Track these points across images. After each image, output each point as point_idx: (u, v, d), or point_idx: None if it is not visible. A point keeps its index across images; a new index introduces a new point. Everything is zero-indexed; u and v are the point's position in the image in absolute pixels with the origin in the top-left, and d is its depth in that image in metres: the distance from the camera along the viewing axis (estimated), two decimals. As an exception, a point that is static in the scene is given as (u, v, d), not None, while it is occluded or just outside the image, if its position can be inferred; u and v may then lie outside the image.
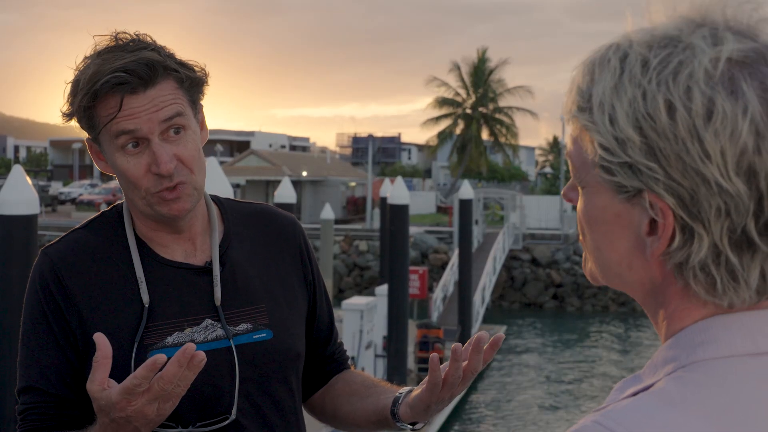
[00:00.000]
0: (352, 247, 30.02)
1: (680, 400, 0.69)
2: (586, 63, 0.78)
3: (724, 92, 0.69)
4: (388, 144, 71.67)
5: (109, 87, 1.37)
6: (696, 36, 0.72)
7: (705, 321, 0.74)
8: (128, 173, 1.42)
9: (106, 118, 1.40)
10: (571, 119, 0.79)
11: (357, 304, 12.74)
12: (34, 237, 6.09)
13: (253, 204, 1.68)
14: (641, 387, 0.73)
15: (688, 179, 0.70)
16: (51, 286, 1.46)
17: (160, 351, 1.42)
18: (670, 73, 0.71)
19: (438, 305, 20.00)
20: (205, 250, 1.53)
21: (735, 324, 0.73)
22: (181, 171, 1.42)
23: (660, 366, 0.74)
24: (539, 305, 27.95)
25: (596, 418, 0.69)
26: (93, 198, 39.55)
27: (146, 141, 1.40)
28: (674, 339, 0.75)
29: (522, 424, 14.88)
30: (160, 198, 1.43)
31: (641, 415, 0.68)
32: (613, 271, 0.79)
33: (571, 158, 0.80)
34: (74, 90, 1.42)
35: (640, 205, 0.73)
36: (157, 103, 1.39)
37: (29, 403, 1.45)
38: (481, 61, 50.02)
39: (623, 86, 0.73)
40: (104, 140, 1.43)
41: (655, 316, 0.79)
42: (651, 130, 0.71)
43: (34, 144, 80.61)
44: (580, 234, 0.83)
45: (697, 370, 0.71)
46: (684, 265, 0.73)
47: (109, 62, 1.38)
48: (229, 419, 1.45)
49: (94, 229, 1.53)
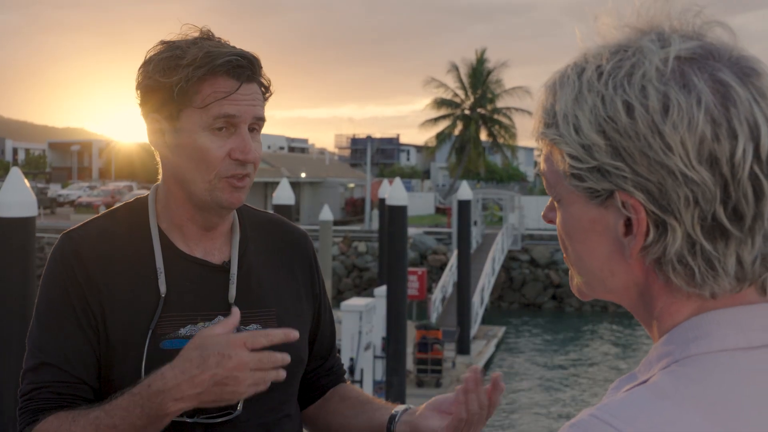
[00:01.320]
0: (350, 248, 30.02)
1: (673, 394, 0.70)
2: (547, 84, 0.82)
3: (676, 86, 0.72)
4: (387, 145, 71.72)
5: (229, 67, 1.43)
6: (644, 40, 0.76)
7: (698, 317, 0.76)
8: (209, 152, 1.45)
9: (217, 95, 1.44)
10: (540, 138, 0.82)
11: (356, 305, 12.73)
12: (32, 239, 6.08)
13: (269, 213, 1.74)
14: (636, 383, 0.75)
15: (654, 173, 0.73)
16: (74, 268, 1.48)
17: (174, 341, 1.46)
18: (624, 75, 0.74)
19: (437, 306, 20.01)
20: (224, 250, 1.57)
21: (727, 319, 0.75)
22: (252, 165, 1.49)
23: (654, 362, 0.76)
24: (538, 306, 27.97)
25: (592, 412, 0.71)
26: (92, 200, 39.52)
27: (234, 128, 1.46)
28: (668, 336, 0.77)
29: (521, 423, 14.87)
30: (228, 183, 1.47)
31: (636, 408, 0.70)
32: (597, 279, 0.82)
33: (545, 176, 0.84)
34: (173, 63, 1.44)
35: (613, 206, 0.76)
36: (255, 97, 1.48)
37: (41, 381, 1.45)
38: (479, 61, 50.05)
39: (583, 96, 0.77)
40: (190, 114, 1.45)
41: (646, 319, 0.81)
42: (613, 131, 0.74)
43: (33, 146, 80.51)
44: (563, 250, 0.86)
45: (690, 364, 0.73)
46: (662, 259, 0.75)
47: (222, 47, 1.45)
48: (234, 414, 1.48)
49: (117, 218, 1.57)
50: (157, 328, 1.46)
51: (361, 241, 30.45)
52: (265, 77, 1.51)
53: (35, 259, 6.13)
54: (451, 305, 20.24)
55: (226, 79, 1.44)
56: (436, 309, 19.79)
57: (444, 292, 21.30)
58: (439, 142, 50.73)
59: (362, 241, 30.58)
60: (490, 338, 20.41)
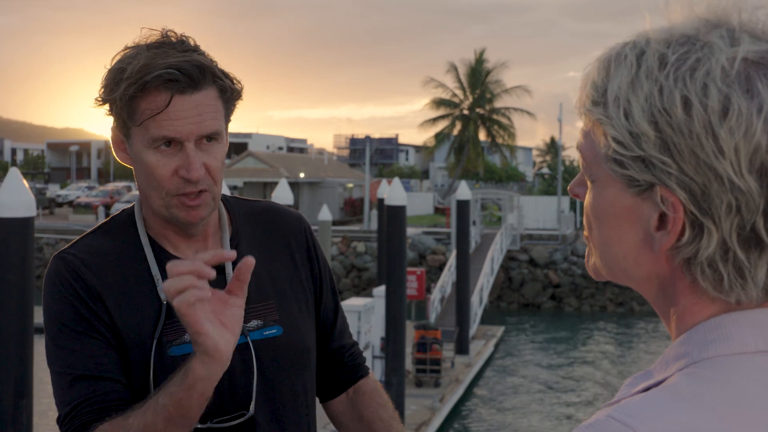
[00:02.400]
0: (349, 248, 30.01)
1: (692, 396, 0.69)
2: (601, 59, 0.79)
3: (740, 90, 0.70)
4: (386, 145, 71.68)
5: (160, 82, 1.37)
6: (713, 35, 0.73)
7: (717, 318, 0.75)
8: (155, 171, 1.42)
9: (150, 112, 1.39)
10: (585, 113, 0.79)
11: (355, 306, 12.75)
12: (31, 240, 6.09)
13: (259, 202, 1.70)
14: (652, 382, 0.74)
15: (701, 175, 0.71)
16: (74, 284, 1.45)
17: (180, 347, 1.45)
18: (688, 69, 0.72)
19: (436, 306, 20.01)
20: (216, 249, 1.55)
21: (747, 321, 0.74)
22: (206, 180, 1.44)
23: (672, 362, 0.75)
24: (537, 306, 27.96)
25: (609, 413, 0.70)
26: (90, 200, 39.44)
27: (180, 144, 1.41)
28: (686, 335, 0.76)
29: (519, 423, 14.87)
30: (180, 202, 1.44)
31: (653, 410, 0.69)
32: (620, 266, 0.80)
33: (582, 152, 0.81)
34: (117, 77, 1.40)
35: (650, 200, 0.74)
36: (201, 111, 1.40)
37: (79, 397, 1.40)
38: (478, 62, 50.01)
39: (640, 81, 0.74)
40: (137, 133, 1.43)
41: (665, 312, 0.80)
42: (666, 125, 0.72)
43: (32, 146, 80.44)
44: (586, 229, 0.84)
45: (709, 366, 0.72)
46: (692, 261, 0.74)
47: (160, 57, 1.38)
48: (247, 415, 1.47)
49: (105, 233, 1.54)
50: (162, 335, 1.45)
51: (360, 241, 30.44)
52: (223, 80, 1.43)
53: (34, 260, 6.13)
54: (450, 305, 20.24)
55: (160, 93, 1.38)
56: (434, 309, 19.78)
57: (443, 292, 21.30)
58: (437, 142, 50.69)
59: (361, 241, 30.56)
60: (489, 338, 20.41)
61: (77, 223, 32.77)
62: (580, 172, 0.83)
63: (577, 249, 28.82)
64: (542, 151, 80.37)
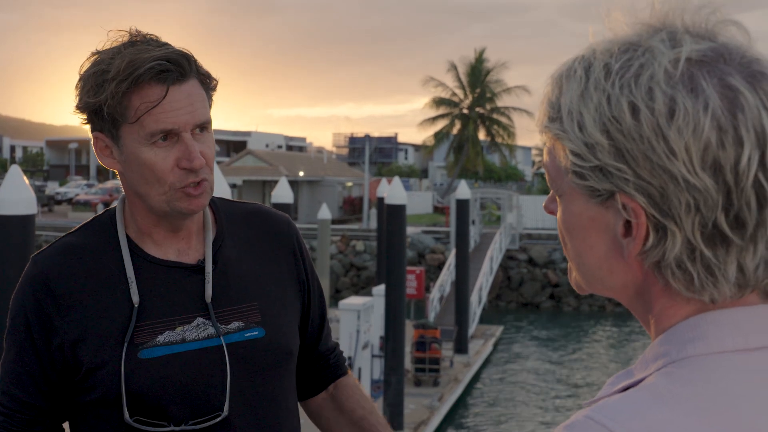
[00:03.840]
0: (349, 247, 30.01)
1: (669, 396, 0.70)
2: (554, 76, 0.81)
3: (684, 90, 0.71)
4: (385, 144, 71.63)
5: (152, 74, 1.37)
6: (655, 39, 0.74)
7: (695, 317, 0.75)
8: (155, 166, 1.41)
9: (146, 107, 1.38)
10: (543, 131, 0.81)
11: (354, 305, 12.74)
12: (31, 237, 6.09)
13: (247, 204, 1.69)
14: (632, 381, 0.75)
15: (657, 177, 0.72)
16: (38, 293, 1.46)
17: (152, 350, 1.44)
18: (632, 76, 0.73)
19: (435, 305, 20.01)
20: (198, 248, 1.54)
21: (725, 320, 0.74)
22: (204, 168, 1.44)
23: (651, 361, 0.75)
24: (536, 305, 27.97)
25: (587, 413, 0.70)
26: (89, 198, 39.47)
27: (176, 136, 1.41)
28: (665, 335, 0.76)
29: (518, 423, 14.89)
30: (184, 193, 1.43)
31: (631, 410, 0.69)
32: (596, 277, 0.81)
33: (547, 169, 0.83)
34: (99, 80, 1.39)
35: (613, 208, 0.75)
36: (192, 101, 1.41)
37: (5, 406, 1.48)
38: (478, 61, 50.02)
39: (589, 93, 0.75)
40: (128, 132, 1.42)
41: (644, 317, 0.80)
42: (617, 132, 0.73)
43: (31, 144, 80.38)
44: (563, 244, 0.85)
45: (687, 365, 0.72)
46: (661, 263, 0.74)
47: (144, 52, 1.38)
48: (221, 416, 1.46)
49: (85, 233, 1.54)
50: (134, 338, 1.44)
51: (359, 240, 30.44)
52: (202, 69, 1.45)
53: (34, 257, 6.13)
54: (449, 304, 20.23)
55: (153, 86, 1.38)
56: (434, 308, 19.78)
57: (442, 292, 21.30)
58: (437, 141, 50.69)
59: (360, 239, 30.56)
60: (488, 337, 20.41)
61: (76, 221, 32.74)
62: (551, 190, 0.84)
63: (576, 249, 28.78)
64: (541, 151, 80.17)
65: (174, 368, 1.43)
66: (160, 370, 1.43)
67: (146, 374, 1.42)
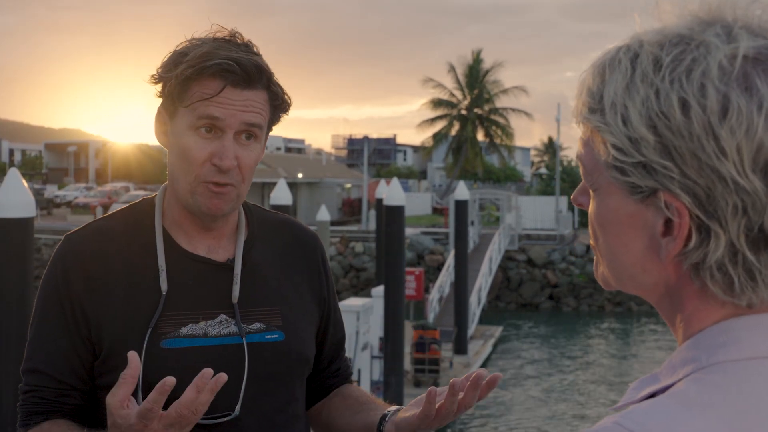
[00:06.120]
0: (348, 248, 30.01)
1: (700, 403, 0.67)
2: (595, 65, 0.78)
3: (738, 89, 0.68)
4: (384, 145, 71.71)
5: (217, 69, 1.42)
6: (709, 33, 0.71)
7: (727, 322, 0.73)
8: (190, 153, 1.45)
9: (201, 96, 1.43)
10: (582, 121, 0.78)
11: (353, 306, 12.76)
12: (30, 240, 6.09)
13: (279, 214, 1.73)
14: (659, 387, 0.73)
15: (704, 177, 0.69)
16: (70, 272, 1.48)
17: (174, 340, 1.45)
18: (684, 70, 0.70)
19: (434, 306, 20.02)
20: (228, 248, 1.56)
21: (758, 325, 0.72)
22: (235, 174, 1.46)
23: (679, 366, 0.73)
24: (535, 306, 27.98)
25: (616, 419, 0.68)
26: (88, 201, 39.43)
27: (220, 132, 1.45)
28: (694, 339, 0.73)
29: (518, 423, 14.89)
30: (206, 188, 1.46)
31: (661, 417, 0.67)
32: (627, 275, 0.78)
33: (582, 161, 0.79)
34: (178, 59, 1.46)
35: (654, 206, 0.73)
36: (248, 105, 1.45)
37: (32, 384, 1.49)
38: (476, 62, 50.06)
39: (635, 86, 0.72)
40: (182, 114, 1.46)
41: (672, 318, 0.78)
42: (665, 128, 0.70)
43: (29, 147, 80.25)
44: (592, 238, 0.82)
45: (718, 371, 0.70)
46: (700, 265, 0.72)
47: (223, 49, 1.44)
48: (231, 415, 1.47)
49: (121, 218, 1.57)
50: (158, 326, 1.45)
51: (359, 242, 30.44)
52: (276, 87, 1.49)
53: (33, 260, 6.14)
54: (449, 305, 20.24)
55: (214, 80, 1.43)
56: (433, 309, 19.79)
57: (441, 292, 21.31)
58: (435, 143, 50.76)
59: (359, 241, 30.56)
60: (488, 338, 20.43)
61: (75, 224, 32.67)
62: (582, 181, 0.82)
63: (575, 249, 28.84)
64: (540, 151, 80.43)
65: (194, 361, 1.44)
66: (181, 361, 1.44)
67: (166, 363, 1.42)
